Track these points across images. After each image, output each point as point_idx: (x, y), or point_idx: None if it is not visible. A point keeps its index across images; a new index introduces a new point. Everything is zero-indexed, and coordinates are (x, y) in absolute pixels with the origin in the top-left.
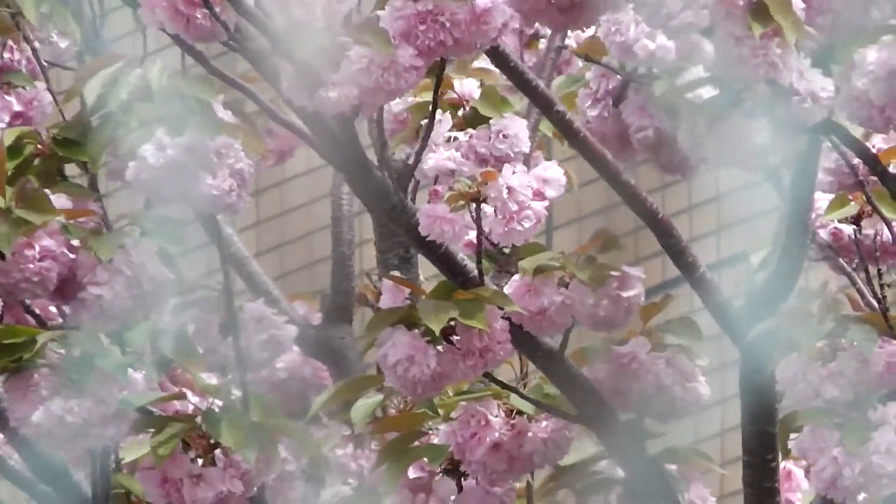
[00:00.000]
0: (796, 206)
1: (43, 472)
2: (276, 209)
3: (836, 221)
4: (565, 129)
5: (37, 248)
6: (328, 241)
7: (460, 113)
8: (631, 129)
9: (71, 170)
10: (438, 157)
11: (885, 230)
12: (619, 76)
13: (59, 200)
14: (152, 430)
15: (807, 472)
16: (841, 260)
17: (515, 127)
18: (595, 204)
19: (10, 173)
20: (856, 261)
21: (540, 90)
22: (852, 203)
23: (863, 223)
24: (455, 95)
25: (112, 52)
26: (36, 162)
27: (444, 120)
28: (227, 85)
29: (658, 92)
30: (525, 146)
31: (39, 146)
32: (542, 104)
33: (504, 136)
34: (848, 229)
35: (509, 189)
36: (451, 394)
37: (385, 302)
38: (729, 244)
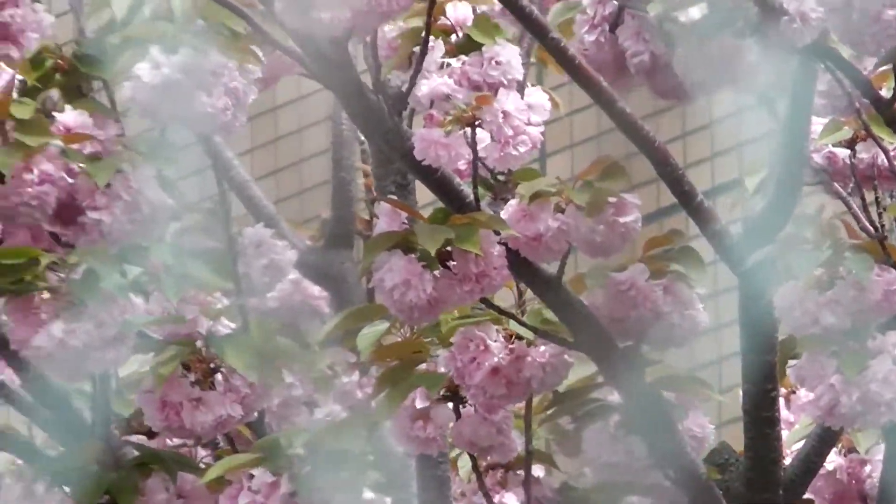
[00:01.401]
0: (792, 135)
1: (44, 397)
2: (270, 135)
3: (830, 145)
4: (560, 56)
5: (35, 173)
6: (320, 167)
7: (452, 39)
8: (627, 53)
9: None
10: (432, 83)
11: (881, 155)
12: (614, 1)
13: (81, 118)
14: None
15: (787, 400)
16: (836, 185)
17: (508, 54)
18: (588, 131)
19: (30, 86)
20: (851, 185)
21: (534, 16)
22: (846, 127)
23: (857, 147)
24: (447, 22)
25: None
26: (57, 76)
27: (436, 46)
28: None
29: (652, 13)
30: (518, 73)
31: (59, 61)
32: (536, 31)
33: (497, 62)
34: (843, 153)
35: (504, 113)
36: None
37: (382, 226)
38: (722, 171)
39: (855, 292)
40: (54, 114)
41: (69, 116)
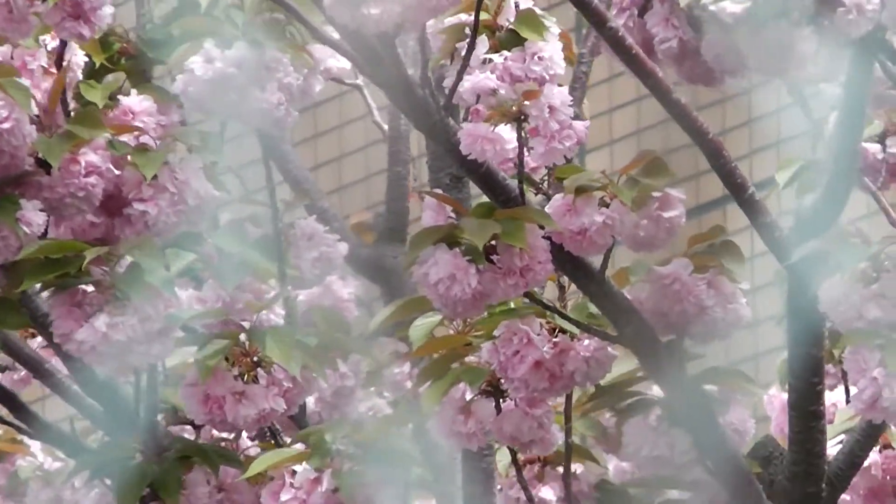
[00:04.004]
0: (844, 128)
1: (90, 387)
2: (310, 132)
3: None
4: (618, 46)
5: (82, 164)
6: (358, 165)
7: (495, 35)
8: (655, 39)
9: None
10: (476, 78)
11: None
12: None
13: (146, 103)
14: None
15: None
16: (866, 179)
17: (550, 49)
18: (627, 127)
19: (98, 66)
20: (881, 180)
21: (593, 6)
22: (877, 122)
23: (888, 141)
24: (490, 17)
25: None
26: (123, 60)
27: (479, 42)
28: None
29: (683, 2)
30: (560, 68)
31: (125, 44)
32: (594, 20)
33: (539, 57)
34: (874, 148)
35: (550, 108)
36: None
37: (427, 220)
38: (761, 167)
39: None
40: (119, 97)
41: (134, 101)
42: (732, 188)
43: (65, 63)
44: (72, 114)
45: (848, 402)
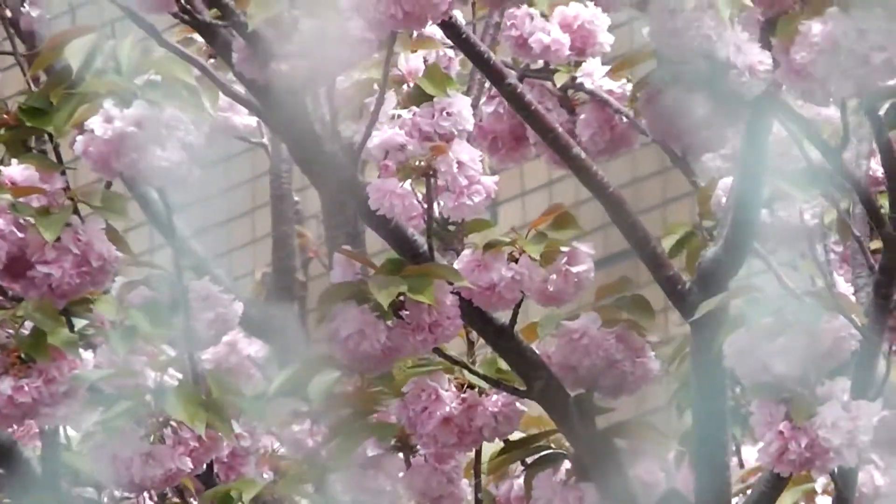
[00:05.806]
0: (745, 182)
1: None
2: (222, 185)
3: None
4: (516, 102)
5: None
6: (246, 226)
7: (404, 90)
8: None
9: None
10: (384, 133)
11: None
12: (513, 72)
13: (27, 172)
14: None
15: None
16: (755, 243)
17: (459, 104)
18: (539, 179)
19: None
20: (769, 243)
21: (492, 62)
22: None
23: (775, 205)
24: (399, 72)
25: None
26: (2, 131)
27: (387, 97)
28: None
29: (558, 84)
30: (468, 124)
31: (5, 115)
32: (493, 77)
33: (448, 113)
34: (762, 212)
35: (459, 163)
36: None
37: (336, 276)
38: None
39: (805, 340)
40: (0, 167)
41: (16, 170)
42: (634, 241)
43: None
44: None
45: (741, 464)
